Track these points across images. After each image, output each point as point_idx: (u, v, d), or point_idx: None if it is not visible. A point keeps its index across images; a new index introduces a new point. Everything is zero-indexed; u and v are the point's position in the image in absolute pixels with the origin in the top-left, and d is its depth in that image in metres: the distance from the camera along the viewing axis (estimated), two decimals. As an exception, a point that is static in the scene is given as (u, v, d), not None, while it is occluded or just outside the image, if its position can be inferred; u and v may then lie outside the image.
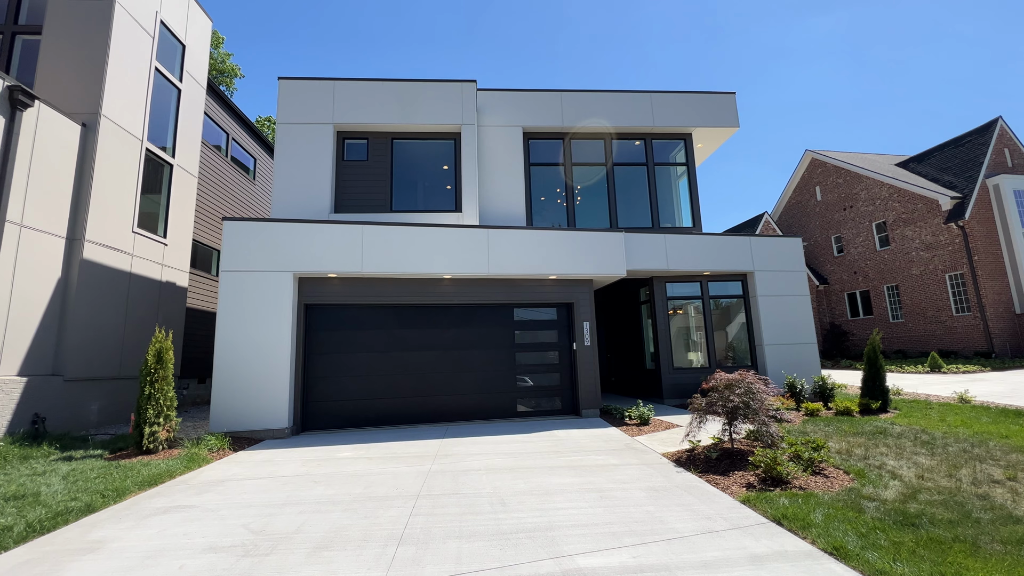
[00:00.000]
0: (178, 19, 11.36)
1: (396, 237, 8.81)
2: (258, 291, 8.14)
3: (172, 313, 10.77)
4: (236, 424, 7.69)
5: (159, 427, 6.52)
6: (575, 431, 7.80)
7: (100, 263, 8.76)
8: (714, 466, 5.35)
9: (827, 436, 6.91)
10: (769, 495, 4.38)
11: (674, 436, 7.16)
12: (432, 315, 9.35)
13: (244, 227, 8.33)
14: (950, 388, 11.25)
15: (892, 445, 6.34)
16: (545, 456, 6.18)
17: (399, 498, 4.60)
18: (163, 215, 10.75)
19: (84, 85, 8.88)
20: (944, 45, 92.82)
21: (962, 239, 18.06)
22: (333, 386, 8.70)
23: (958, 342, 18.24)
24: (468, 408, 9.10)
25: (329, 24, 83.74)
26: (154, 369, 6.63)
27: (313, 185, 10.45)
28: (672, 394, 10.56)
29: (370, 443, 7.26)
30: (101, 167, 8.81)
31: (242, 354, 7.88)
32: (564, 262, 9.36)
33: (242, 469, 5.83)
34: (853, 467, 5.31)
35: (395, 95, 10.95)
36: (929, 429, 7.20)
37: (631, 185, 12.41)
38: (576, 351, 9.40)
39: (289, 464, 6.04)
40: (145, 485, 5.10)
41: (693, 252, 10.73)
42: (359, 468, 5.79)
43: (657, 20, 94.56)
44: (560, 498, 4.49)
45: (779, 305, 10.99)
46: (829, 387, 9.72)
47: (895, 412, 8.71)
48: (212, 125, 14.14)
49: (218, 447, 6.76)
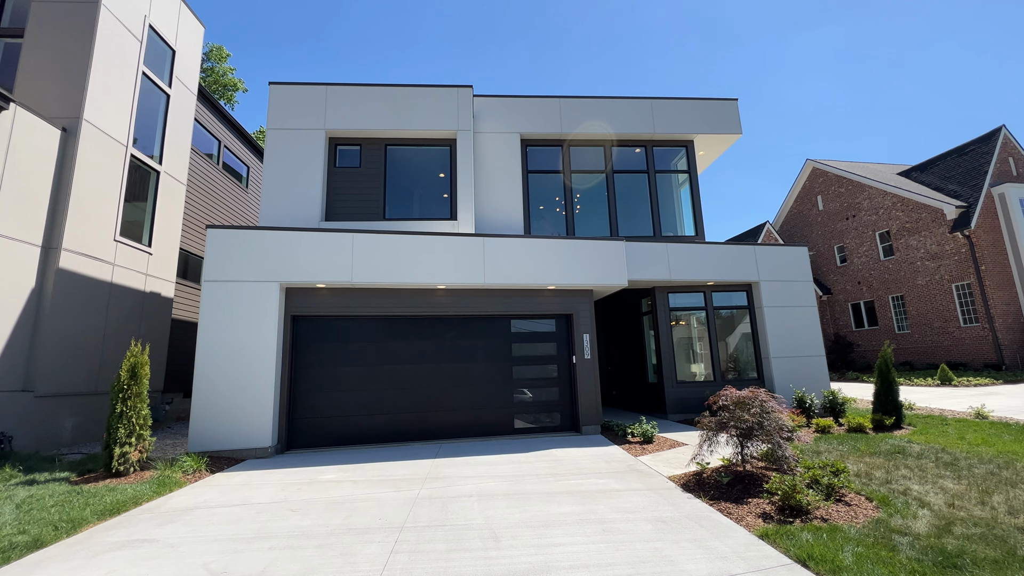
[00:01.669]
0: (168, 24, 11.10)
1: (388, 245, 8.45)
2: (242, 302, 7.75)
3: (156, 324, 10.36)
4: (216, 443, 7.26)
5: (131, 448, 6.09)
6: (575, 450, 7.38)
7: (78, 273, 8.38)
8: (726, 492, 4.93)
9: (842, 456, 6.52)
10: (789, 529, 3.97)
11: (680, 456, 6.74)
12: (425, 327, 8.96)
13: (228, 235, 7.96)
14: (963, 402, 10.95)
15: (913, 467, 5.95)
16: (543, 480, 5.76)
17: (381, 530, 4.18)
18: (148, 223, 10.39)
19: (66, 89, 8.57)
20: (939, 54, 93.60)
21: (968, 249, 17.73)
22: (321, 402, 8.28)
23: (966, 354, 17.83)
24: (462, 424, 8.67)
25: (333, 37, 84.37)
26: (127, 385, 6.22)
27: (303, 192, 10.11)
28: (676, 409, 10.15)
29: (357, 463, 6.83)
30: (82, 173, 8.46)
31: (224, 369, 7.47)
32: (563, 272, 8.99)
33: (216, 494, 5.40)
34: (876, 493, 4.90)
35: (389, 100, 10.66)
36: (949, 448, 6.83)
37: (632, 193, 12.08)
38: (576, 364, 8.99)
39: (267, 488, 5.61)
40: (106, 514, 4.67)
41: (696, 261, 10.37)
42: (342, 493, 5.36)
43: (656, 29, 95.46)
44: (558, 531, 4.07)
45: (786, 316, 10.63)
46: (840, 402, 9.36)
47: (910, 429, 8.36)
48: (203, 132, 13.84)
49: (194, 469, 6.33)
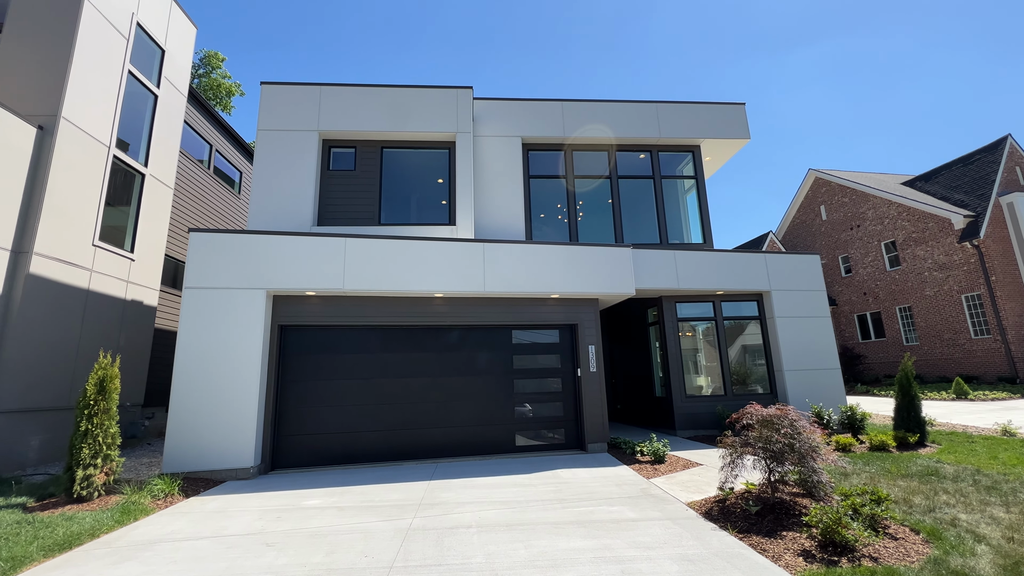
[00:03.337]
0: (158, 23, 10.72)
1: (382, 250, 7.97)
2: (226, 311, 7.24)
3: (137, 335, 9.81)
4: (194, 463, 6.69)
5: (95, 470, 5.54)
6: (581, 471, 6.84)
7: (50, 279, 7.85)
8: (755, 523, 4.40)
9: (872, 479, 6.01)
10: (839, 572, 3.44)
11: (696, 478, 6.21)
12: (422, 337, 8.45)
13: (212, 239, 7.48)
14: (984, 418, 10.53)
15: (953, 491, 5.44)
16: (549, 506, 5.22)
17: (367, 571, 3.64)
18: (131, 228, 9.89)
19: (44, 86, 8.12)
20: (931, 70, 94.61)
21: (977, 259, 17.33)
22: (310, 418, 7.73)
23: (978, 366, 17.34)
24: (461, 442, 8.12)
25: (330, 39, 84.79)
26: (94, 400, 5.68)
27: (295, 196, 9.64)
28: (685, 424, 9.62)
29: (346, 486, 6.27)
30: (58, 174, 7.98)
31: (204, 383, 6.93)
32: (567, 279, 8.52)
33: (185, 524, 4.84)
34: (922, 524, 4.38)
35: (385, 101, 10.25)
36: (984, 469, 6.34)
37: (637, 199, 11.66)
38: (581, 378, 8.48)
39: (244, 516, 5.06)
40: (55, 550, 4.11)
41: (705, 269, 9.92)
42: (326, 522, 4.81)
43: (656, 35, 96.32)
44: (570, 574, 3.53)
45: (798, 327, 10.16)
46: (859, 417, 8.88)
47: (936, 447, 7.87)
48: (194, 136, 13.41)
49: (166, 493, 5.76)
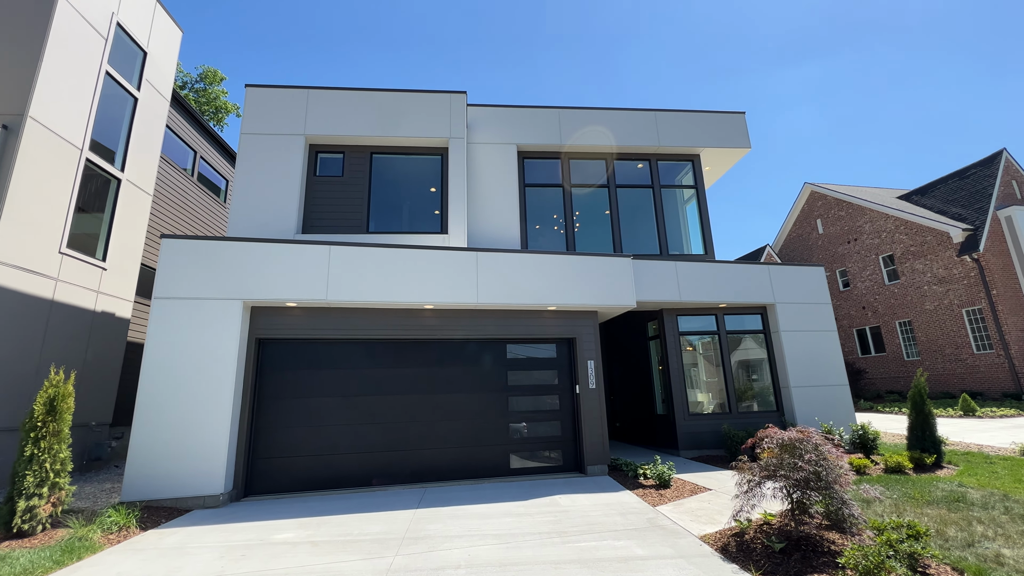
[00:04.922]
0: (140, 24, 10.33)
1: (369, 259, 7.50)
2: (199, 322, 6.70)
3: (107, 349, 9.22)
4: (157, 491, 6.09)
5: (40, 500, 4.95)
6: (581, 497, 6.31)
7: (8, 288, 7.29)
8: (780, 563, 3.90)
9: (896, 506, 5.55)
10: (889, 628, 2.96)
11: (707, 506, 5.71)
12: (410, 352, 7.94)
13: (184, 245, 6.97)
14: (996, 436, 10.21)
15: (987, 521, 4.99)
16: (547, 540, 4.69)
17: (337, 627, 3.11)
18: (105, 235, 9.35)
19: (11, 83, 7.67)
20: (914, 90, 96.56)
21: (978, 272, 17.13)
22: (288, 439, 7.16)
23: (982, 382, 17.01)
24: (451, 464, 7.56)
25: (327, 43, 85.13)
26: (42, 422, 5.12)
27: (278, 202, 9.17)
28: (688, 444, 9.12)
29: (323, 516, 5.70)
30: (22, 176, 7.48)
31: (171, 401, 6.36)
32: (565, 291, 8.07)
33: (134, 565, 4.26)
34: (965, 563, 3.91)
35: (376, 106, 9.87)
36: (1012, 495, 5.92)
37: (636, 209, 11.30)
38: (579, 395, 7.98)
39: (203, 554, 4.48)
40: (-27, 600, 3.54)
41: (707, 281, 9.53)
42: (296, 562, 4.25)
43: (636, 67, 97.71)
44: (576, 630, 3.02)
45: (804, 342, 9.78)
46: (871, 437, 8.46)
47: (953, 468, 7.46)
48: (177, 142, 12.95)
49: (120, 526, 5.17)
